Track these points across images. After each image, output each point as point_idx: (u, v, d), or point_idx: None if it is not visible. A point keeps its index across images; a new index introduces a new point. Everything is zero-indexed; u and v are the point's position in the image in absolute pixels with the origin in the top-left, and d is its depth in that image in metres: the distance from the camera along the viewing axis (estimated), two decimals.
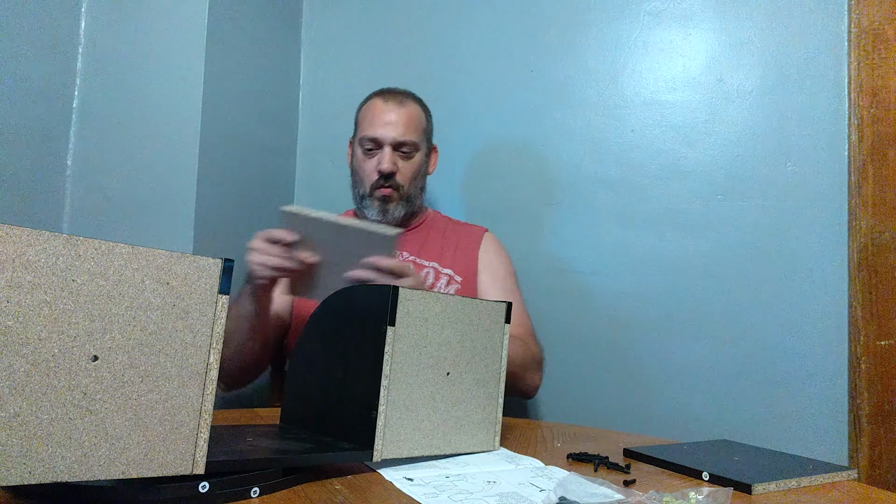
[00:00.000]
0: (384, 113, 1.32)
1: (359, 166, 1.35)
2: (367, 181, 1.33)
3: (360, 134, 1.35)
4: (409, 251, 1.36)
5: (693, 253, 1.51)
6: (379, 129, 1.31)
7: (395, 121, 1.32)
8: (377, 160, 1.32)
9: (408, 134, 1.33)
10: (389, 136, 1.31)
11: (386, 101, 1.34)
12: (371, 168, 1.32)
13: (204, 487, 0.53)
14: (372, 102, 1.36)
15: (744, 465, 0.73)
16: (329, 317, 0.78)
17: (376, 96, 1.37)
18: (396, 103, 1.34)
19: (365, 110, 1.37)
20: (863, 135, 1.41)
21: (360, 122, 1.38)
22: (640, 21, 1.60)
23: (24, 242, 0.45)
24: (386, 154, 1.31)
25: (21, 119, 1.33)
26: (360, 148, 1.35)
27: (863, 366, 1.37)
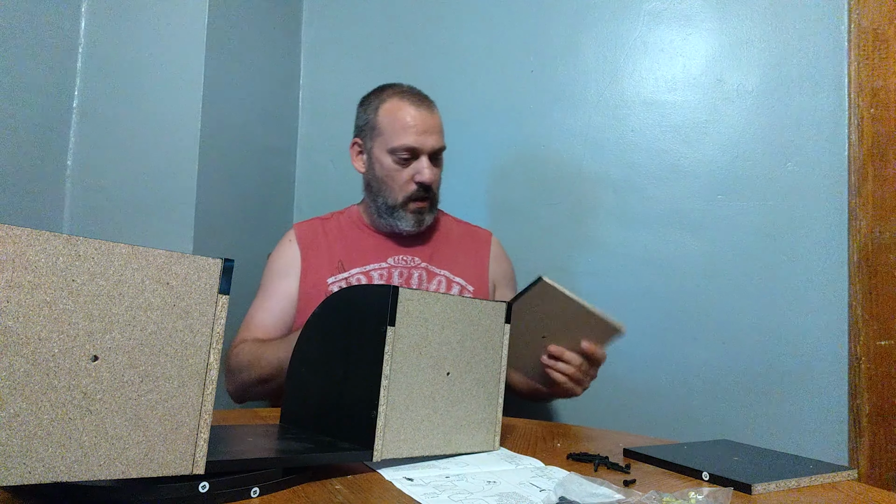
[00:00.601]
0: (422, 121, 1.24)
1: (388, 175, 1.26)
2: (400, 191, 1.26)
3: (389, 141, 1.25)
4: (422, 258, 1.32)
5: (693, 253, 1.51)
6: (417, 137, 1.23)
7: (431, 128, 1.25)
8: (414, 170, 1.25)
9: (442, 141, 1.28)
10: (429, 145, 1.25)
11: (417, 106, 1.26)
12: (406, 178, 1.25)
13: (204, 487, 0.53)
14: (399, 106, 1.26)
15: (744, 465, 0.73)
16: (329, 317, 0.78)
17: (400, 98, 1.27)
18: (427, 109, 1.27)
19: (391, 114, 1.26)
20: (863, 135, 1.41)
21: (383, 126, 1.26)
22: (640, 21, 1.60)
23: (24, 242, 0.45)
24: (425, 164, 1.24)
25: (21, 119, 1.33)
26: (388, 155, 1.25)
27: (863, 366, 1.37)
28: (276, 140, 1.80)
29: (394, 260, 1.31)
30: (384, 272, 1.29)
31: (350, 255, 1.30)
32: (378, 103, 1.29)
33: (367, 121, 1.30)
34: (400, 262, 1.31)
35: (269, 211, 1.76)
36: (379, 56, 1.84)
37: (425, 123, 1.24)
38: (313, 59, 1.90)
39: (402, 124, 1.24)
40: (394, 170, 1.25)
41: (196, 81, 1.45)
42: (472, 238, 1.40)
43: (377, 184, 1.28)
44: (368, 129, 1.29)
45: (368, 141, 1.30)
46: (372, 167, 1.29)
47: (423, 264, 1.32)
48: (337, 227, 1.35)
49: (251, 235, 1.66)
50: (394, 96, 1.28)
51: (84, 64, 1.47)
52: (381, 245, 1.32)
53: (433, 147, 1.25)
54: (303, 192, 1.88)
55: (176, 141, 1.44)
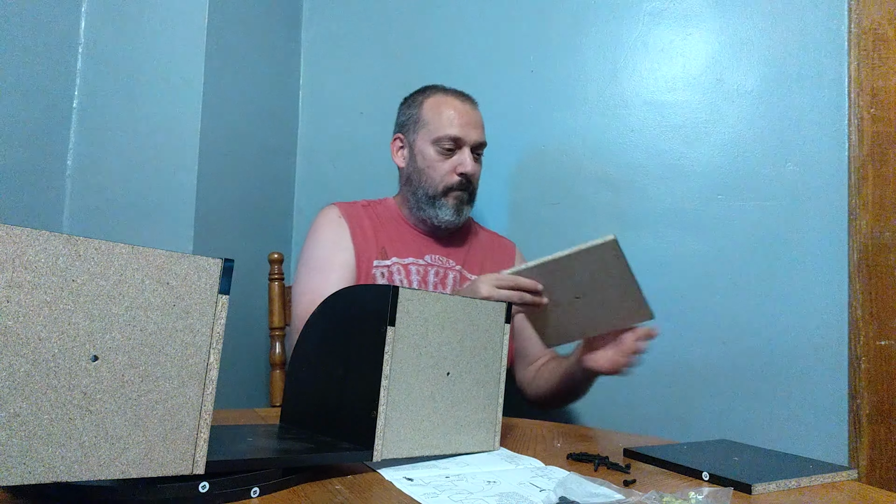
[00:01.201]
0: (465, 113, 1.29)
1: (431, 165, 1.29)
2: (441, 182, 1.29)
3: (434, 132, 1.29)
4: (456, 260, 1.35)
5: (693, 253, 1.51)
6: (462, 129, 1.28)
7: (474, 122, 1.30)
8: (456, 161, 1.28)
9: (483, 136, 1.32)
10: (472, 138, 1.29)
11: (462, 100, 1.31)
12: (448, 168, 1.28)
13: (204, 487, 0.53)
14: (445, 100, 1.31)
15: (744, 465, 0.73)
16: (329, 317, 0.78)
17: (445, 93, 1.33)
18: (471, 105, 1.32)
19: (435, 107, 1.31)
20: (863, 135, 1.41)
21: (428, 118, 1.31)
22: (640, 21, 1.60)
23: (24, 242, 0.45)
24: (467, 155, 1.28)
25: (21, 119, 1.33)
26: (433, 146, 1.29)
27: (863, 366, 1.37)
28: (276, 140, 1.80)
29: (431, 258, 1.33)
30: (421, 269, 1.30)
31: (391, 244, 1.32)
32: (423, 98, 1.34)
33: (411, 115, 1.34)
34: (436, 262, 1.33)
35: (269, 211, 1.76)
36: (379, 56, 1.84)
37: (469, 116, 1.29)
38: (313, 59, 1.90)
39: (446, 116, 1.28)
40: (436, 160, 1.29)
41: (196, 81, 1.45)
42: (499, 248, 1.43)
43: (418, 175, 1.31)
44: (412, 122, 1.34)
45: (411, 134, 1.33)
46: (414, 159, 1.32)
47: (457, 267, 1.34)
48: (376, 214, 1.37)
49: (251, 235, 1.66)
50: (438, 92, 1.33)
51: (84, 64, 1.47)
52: (419, 241, 1.34)
53: (476, 140, 1.29)
54: (303, 192, 1.88)
55: (176, 141, 1.44)
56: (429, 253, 1.33)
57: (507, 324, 0.81)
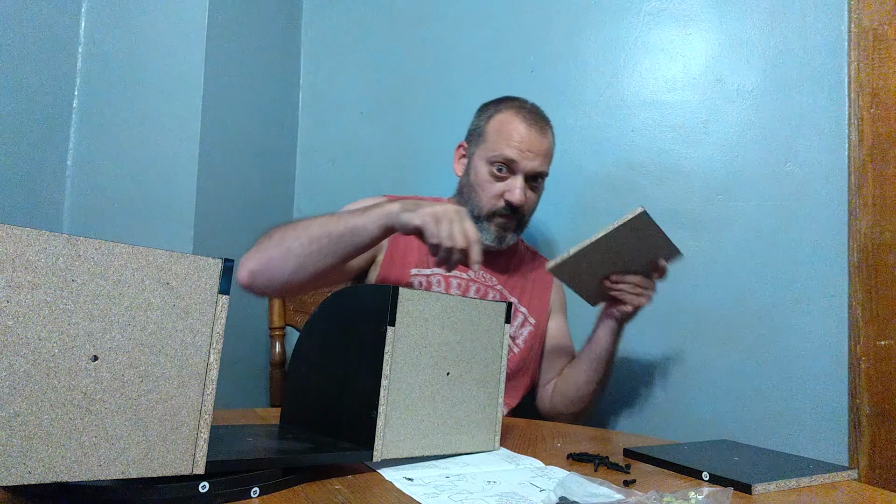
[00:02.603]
0: (528, 139, 1.21)
1: (480, 184, 1.23)
2: (487, 203, 1.22)
3: (491, 150, 1.22)
4: (499, 279, 1.31)
5: (693, 253, 1.51)
6: (517, 153, 1.20)
7: (536, 150, 1.21)
8: (506, 186, 1.21)
9: (544, 165, 1.24)
10: (528, 166, 1.21)
11: (529, 124, 1.22)
12: (496, 192, 1.22)
13: (204, 487, 0.53)
14: (511, 119, 1.23)
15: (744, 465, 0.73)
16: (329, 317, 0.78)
17: (516, 112, 1.24)
18: (539, 130, 1.23)
19: (500, 125, 1.24)
20: (863, 135, 1.41)
21: (490, 134, 1.24)
22: (640, 21, 1.60)
23: (24, 242, 0.45)
24: (518, 184, 1.20)
25: (21, 119, 1.33)
26: (486, 164, 1.22)
27: (863, 366, 1.37)
28: (276, 140, 1.80)
29: (474, 273, 1.27)
30: (463, 283, 1.26)
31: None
32: (493, 112, 1.27)
33: (478, 127, 1.29)
34: (479, 278, 1.28)
35: (269, 211, 1.76)
36: (379, 56, 1.84)
37: (530, 143, 1.21)
38: (313, 59, 1.90)
39: (506, 137, 1.21)
40: (487, 181, 1.22)
41: (196, 81, 1.45)
42: (539, 267, 1.39)
43: (468, 190, 1.26)
44: (476, 134, 1.28)
45: (473, 146, 1.28)
46: (468, 172, 1.27)
47: (498, 286, 1.30)
48: None
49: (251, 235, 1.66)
50: (510, 109, 1.25)
51: (84, 64, 1.47)
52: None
53: (532, 169, 1.21)
54: (303, 192, 1.88)
55: (176, 141, 1.45)
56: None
57: (507, 324, 0.81)
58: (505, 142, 1.21)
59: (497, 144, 1.22)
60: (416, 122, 1.79)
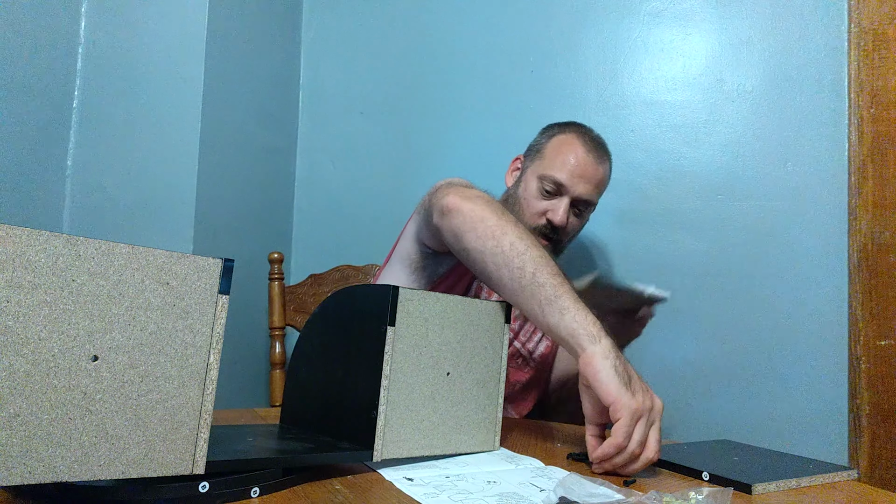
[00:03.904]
0: (583, 164, 1.20)
1: (527, 199, 1.22)
2: (529, 219, 1.21)
3: (545, 168, 1.22)
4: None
5: (693, 253, 1.51)
6: (569, 177, 1.19)
7: (589, 177, 1.20)
8: (551, 206, 1.20)
9: (593, 194, 1.22)
10: (577, 191, 1.19)
11: (588, 150, 1.21)
12: (540, 209, 1.20)
13: (204, 487, 0.53)
14: (572, 141, 1.23)
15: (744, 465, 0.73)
16: (329, 317, 0.78)
17: (578, 136, 1.24)
18: (597, 158, 1.22)
19: (560, 145, 1.23)
20: (863, 135, 1.41)
21: (547, 153, 1.24)
22: (640, 21, 1.60)
23: (24, 242, 0.45)
24: (563, 205, 1.19)
25: (21, 119, 1.33)
26: (536, 181, 1.22)
27: (863, 366, 1.37)
28: (276, 140, 1.80)
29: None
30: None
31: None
32: (557, 132, 1.27)
33: (538, 143, 1.28)
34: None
35: (269, 211, 1.76)
36: (379, 56, 1.84)
37: (585, 168, 1.20)
38: (313, 59, 1.90)
39: (563, 158, 1.21)
40: (533, 196, 1.22)
41: (196, 81, 1.45)
42: None
43: (514, 201, 1.25)
44: (535, 150, 1.28)
45: (529, 161, 1.28)
46: (518, 184, 1.27)
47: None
48: None
49: (251, 235, 1.66)
50: (573, 132, 1.25)
51: (84, 64, 1.47)
52: None
53: (581, 194, 1.20)
54: (303, 192, 1.88)
55: (176, 141, 1.45)
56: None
57: (507, 324, 0.81)
58: (560, 163, 1.20)
59: (551, 164, 1.21)
60: (416, 121, 1.79)
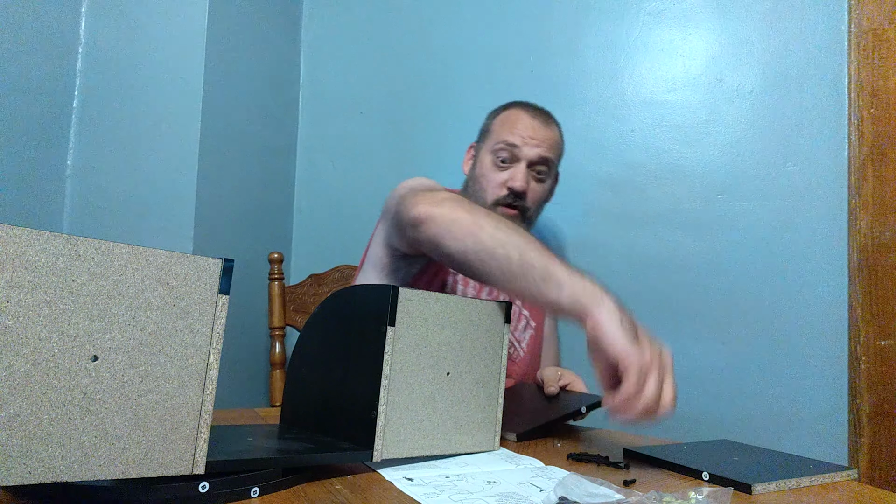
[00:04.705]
0: (531, 127, 1.22)
1: (485, 174, 1.23)
2: (490, 193, 1.21)
3: (494, 139, 1.24)
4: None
5: (693, 253, 1.51)
6: (521, 138, 1.21)
7: (540, 138, 1.22)
8: (509, 175, 1.20)
9: (548, 152, 1.23)
10: (531, 152, 1.21)
11: (533, 116, 1.24)
12: (500, 181, 1.21)
13: (204, 487, 0.53)
14: (515, 112, 1.26)
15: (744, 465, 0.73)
16: (329, 317, 0.78)
17: (520, 108, 1.27)
18: (543, 122, 1.24)
19: (505, 118, 1.27)
20: (863, 135, 1.41)
21: (494, 128, 1.27)
22: (640, 21, 1.60)
23: (24, 242, 0.45)
24: (521, 170, 1.20)
25: (21, 119, 1.33)
26: (490, 154, 1.23)
27: (863, 366, 1.37)
28: (276, 140, 1.80)
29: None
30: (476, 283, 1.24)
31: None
32: (501, 110, 1.29)
33: (486, 125, 1.30)
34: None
35: (269, 211, 1.76)
36: (379, 56, 1.84)
37: (535, 131, 1.22)
38: (313, 59, 1.90)
39: (511, 125, 1.23)
40: (490, 169, 1.22)
41: (196, 81, 1.45)
42: None
43: (473, 183, 1.26)
44: (484, 132, 1.30)
45: (480, 144, 1.29)
46: (474, 167, 1.28)
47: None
48: None
49: (251, 235, 1.66)
50: (516, 107, 1.28)
51: (84, 64, 1.47)
52: None
53: (535, 155, 1.21)
54: (303, 192, 1.88)
55: (176, 141, 1.45)
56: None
57: (507, 324, 0.81)
58: (509, 130, 1.22)
59: (499, 133, 1.24)
60: (416, 121, 1.79)
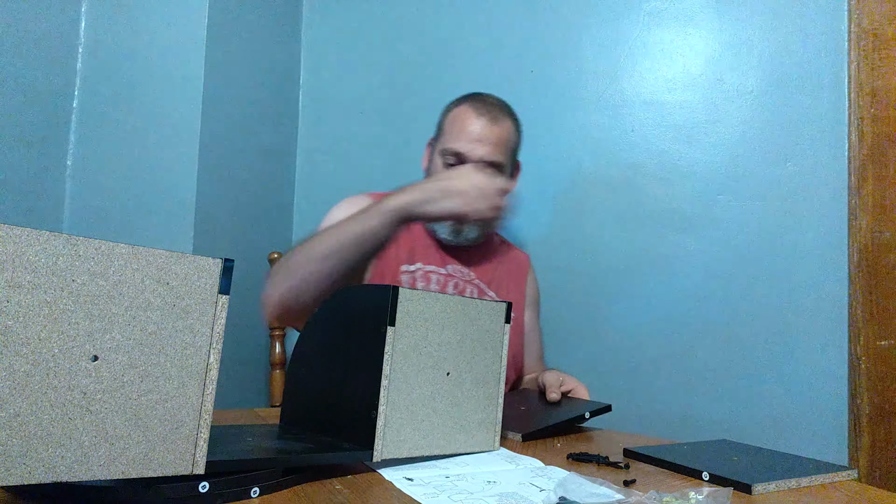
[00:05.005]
0: (477, 129, 1.21)
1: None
2: None
3: (443, 143, 1.24)
4: (476, 274, 1.30)
5: (693, 253, 1.51)
6: (466, 143, 1.20)
7: (485, 138, 1.20)
8: None
9: (496, 154, 1.22)
10: (476, 155, 1.20)
11: (479, 114, 1.22)
12: None
13: (204, 487, 0.53)
14: (463, 111, 1.24)
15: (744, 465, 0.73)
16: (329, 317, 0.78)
17: (470, 105, 1.25)
18: (490, 120, 1.22)
19: (453, 117, 1.25)
20: (863, 135, 1.41)
21: (445, 128, 1.26)
22: (640, 21, 1.60)
23: (24, 242, 0.45)
24: None
25: (21, 119, 1.33)
26: (440, 158, 1.23)
27: (863, 366, 1.37)
28: (276, 140, 1.80)
29: (452, 269, 1.28)
30: (441, 278, 1.26)
31: (416, 248, 1.27)
32: (452, 107, 1.29)
33: (439, 121, 1.31)
34: (457, 273, 1.28)
35: (269, 211, 1.76)
36: (379, 56, 1.84)
37: (481, 132, 1.21)
38: (313, 59, 1.90)
39: (458, 129, 1.22)
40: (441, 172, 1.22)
41: (196, 81, 1.45)
42: (515, 262, 1.39)
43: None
44: (437, 129, 1.30)
45: (434, 141, 1.30)
46: (429, 167, 1.29)
47: (476, 280, 1.30)
48: None
49: (251, 235, 1.66)
50: (465, 103, 1.26)
51: (84, 64, 1.47)
52: (440, 249, 1.29)
53: (480, 157, 1.20)
54: (303, 192, 1.88)
55: (176, 141, 1.44)
56: (450, 263, 1.29)
57: (507, 324, 0.81)
58: (455, 135, 1.22)
59: (448, 137, 1.24)
60: (416, 122, 1.79)
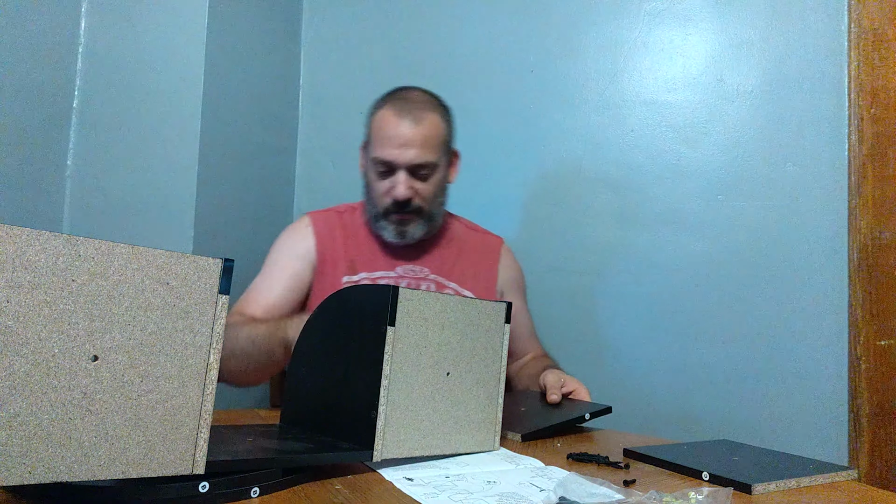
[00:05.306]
0: (399, 134, 1.16)
1: (370, 184, 1.23)
2: (379, 203, 1.21)
3: (372, 151, 1.21)
4: (431, 268, 1.28)
5: (693, 253, 1.51)
6: (392, 150, 1.17)
7: (410, 141, 1.16)
8: (390, 184, 1.18)
9: (425, 155, 1.18)
10: (404, 160, 1.17)
11: (401, 116, 1.17)
12: (383, 190, 1.19)
13: (204, 487, 0.53)
14: (384, 115, 1.20)
15: (744, 465, 0.73)
16: (329, 317, 0.78)
17: (390, 108, 1.20)
18: (412, 121, 1.17)
19: (377, 122, 1.21)
20: (863, 135, 1.41)
21: (371, 133, 1.23)
22: (640, 21, 1.60)
23: (24, 242, 0.45)
24: (401, 180, 1.17)
25: (21, 119, 1.33)
26: (371, 164, 1.21)
27: (863, 366, 1.37)
28: (276, 140, 1.80)
29: (402, 269, 1.27)
30: (391, 282, 1.25)
31: (360, 257, 1.26)
32: (375, 110, 1.25)
33: (367, 125, 1.28)
34: (408, 273, 1.27)
35: (269, 211, 1.76)
36: (379, 56, 1.84)
37: (404, 137, 1.17)
38: (313, 59, 1.90)
39: (382, 135, 1.19)
40: (374, 180, 1.22)
41: (196, 81, 1.45)
42: (482, 246, 1.36)
43: (366, 190, 1.26)
44: (367, 134, 1.27)
45: (367, 146, 1.27)
46: (365, 173, 1.27)
47: (431, 276, 1.28)
48: (351, 223, 1.30)
49: (251, 235, 1.66)
50: (385, 105, 1.22)
51: (84, 64, 1.47)
52: (388, 251, 1.27)
53: (409, 162, 1.17)
54: (303, 192, 1.88)
55: (176, 141, 1.44)
56: (400, 264, 1.27)
57: (507, 324, 0.81)
58: (380, 142, 1.19)
59: (373, 144, 1.21)
60: None
